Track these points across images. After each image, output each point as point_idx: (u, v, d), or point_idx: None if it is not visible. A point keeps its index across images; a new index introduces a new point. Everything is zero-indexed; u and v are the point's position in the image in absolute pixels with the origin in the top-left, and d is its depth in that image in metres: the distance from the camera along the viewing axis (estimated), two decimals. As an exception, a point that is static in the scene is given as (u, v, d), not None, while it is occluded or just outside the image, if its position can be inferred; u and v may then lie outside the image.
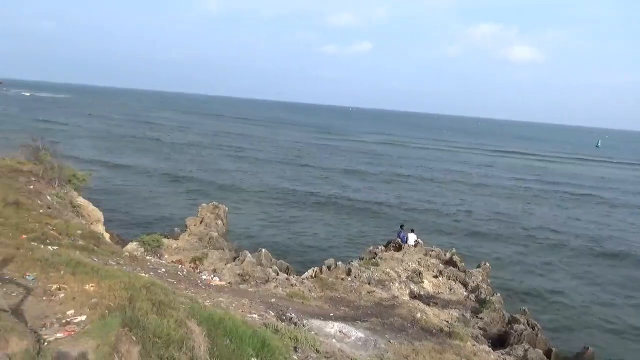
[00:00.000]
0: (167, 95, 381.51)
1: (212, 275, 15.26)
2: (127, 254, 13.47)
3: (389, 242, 21.44)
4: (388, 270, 17.55)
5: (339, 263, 17.82)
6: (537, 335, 14.31)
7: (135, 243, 18.11)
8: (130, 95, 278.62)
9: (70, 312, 5.33)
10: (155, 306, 5.65)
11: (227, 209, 25.22)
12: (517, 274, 23.24)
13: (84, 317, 5.21)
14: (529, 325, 14.71)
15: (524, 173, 61.63)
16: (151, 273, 11.19)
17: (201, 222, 23.42)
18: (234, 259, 19.54)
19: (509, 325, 14.66)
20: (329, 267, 17.62)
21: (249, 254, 19.00)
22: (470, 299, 16.55)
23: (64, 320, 5.19)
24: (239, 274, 16.80)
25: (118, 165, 41.96)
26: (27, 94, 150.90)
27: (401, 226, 21.60)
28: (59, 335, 4.71)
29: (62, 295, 5.90)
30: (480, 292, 16.75)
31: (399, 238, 20.80)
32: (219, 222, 23.87)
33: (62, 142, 26.52)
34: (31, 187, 16.92)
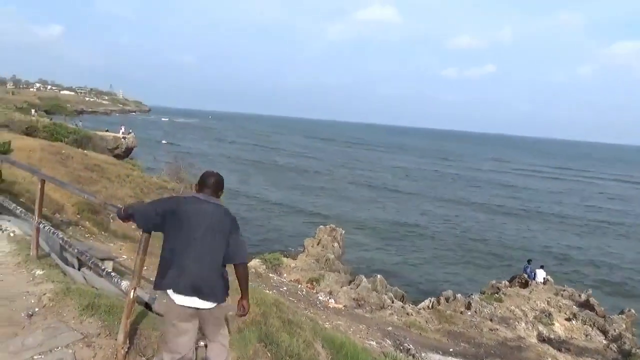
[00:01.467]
0: (288, 120, 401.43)
1: (329, 297, 15.51)
2: (254, 270, 14.28)
3: (513, 277, 19.98)
4: (513, 307, 16.33)
5: (458, 295, 17.03)
6: (699, 402, 12.20)
7: (258, 260, 19.15)
8: (255, 120, 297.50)
9: (212, 322, 5.75)
10: (285, 324, 5.89)
11: (343, 232, 25.58)
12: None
13: (223, 329, 5.59)
14: (687, 388, 12.61)
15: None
16: (274, 290, 11.71)
17: (318, 244, 24.02)
18: (350, 282, 19.66)
19: (662, 385, 12.70)
20: (447, 299, 16.91)
21: (365, 279, 19.00)
22: (611, 349, 14.67)
23: (206, 330, 5.59)
24: (354, 298, 16.86)
25: (243, 187, 44.93)
26: (166, 119, 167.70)
27: (528, 261, 20.04)
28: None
29: (203, 305, 6.42)
30: (624, 342, 14.77)
31: (526, 273, 19.28)
32: (336, 244, 24.25)
33: (195, 163, 29.24)
34: (173, 203, 18.89)
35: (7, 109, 38.91)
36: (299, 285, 15.58)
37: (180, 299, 3.12)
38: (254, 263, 18.11)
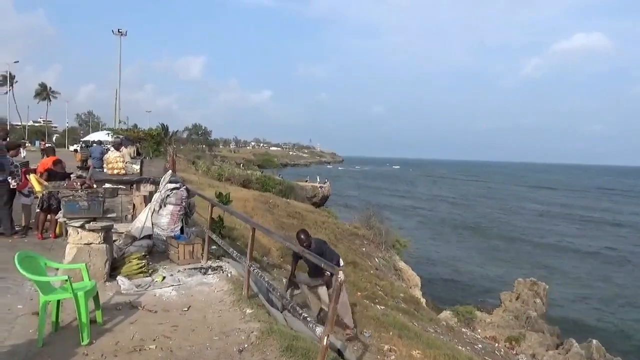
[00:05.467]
0: (479, 165, 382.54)
1: (532, 361, 13.81)
2: (444, 323, 13.64)
3: None
4: None
5: None
6: None
7: (449, 312, 18.23)
8: (444, 166, 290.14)
9: (401, 376, 5.62)
10: (480, 389, 5.42)
11: (547, 287, 22.80)
12: None
13: (413, 384, 5.41)
14: None
15: None
16: (467, 347, 10.93)
17: (517, 299, 21.84)
18: (557, 346, 17.30)
19: None
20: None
21: (576, 343, 16.48)
22: None
23: (396, 383, 5.48)
24: (563, 365, 14.71)
25: (433, 234, 43.91)
26: (357, 168, 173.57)
27: None
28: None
29: (392, 357, 6.35)
30: None
31: None
32: (538, 300, 21.73)
33: (384, 212, 29.69)
34: (364, 249, 19.52)
35: (230, 166, 46.16)
36: (496, 344, 14.25)
37: None
38: (445, 315, 17.29)
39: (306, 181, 50.71)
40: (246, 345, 4.39)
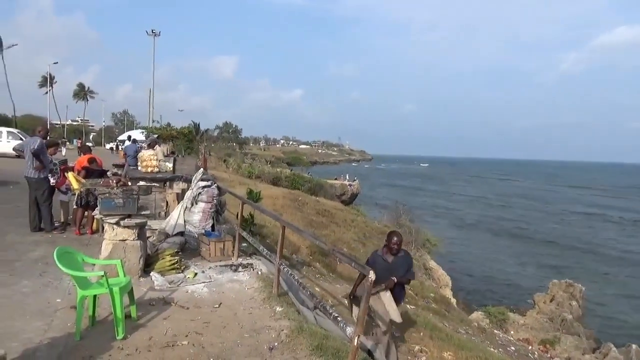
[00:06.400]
0: (512, 163, 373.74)
1: (567, 365, 13.40)
2: (476, 324, 13.38)
3: None
4: None
5: None
6: None
7: (480, 313, 17.88)
8: (474, 164, 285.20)
9: (432, 377, 5.53)
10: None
11: (583, 289, 22.09)
12: None
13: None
14: None
15: None
16: (500, 350, 10.68)
17: (551, 301, 21.23)
18: (594, 350, 16.75)
19: None
20: None
21: (615, 348, 15.92)
22: None
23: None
24: (601, 370, 14.23)
25: (464, 234, 43.16)
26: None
27: None
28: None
29: (423, 358, 6.26)
30: None
31: None
32: (574, 303, 21.05)
33: (413, 210, 29.27)
34: (393, 248, 19.34)
35: (260, 163, 46.55)
36: (530, 347, 13.89)
37: None
38: (476, 316, 16.98)
39: (335, 179, 50.67)
40: (276, 344, 4.41)
